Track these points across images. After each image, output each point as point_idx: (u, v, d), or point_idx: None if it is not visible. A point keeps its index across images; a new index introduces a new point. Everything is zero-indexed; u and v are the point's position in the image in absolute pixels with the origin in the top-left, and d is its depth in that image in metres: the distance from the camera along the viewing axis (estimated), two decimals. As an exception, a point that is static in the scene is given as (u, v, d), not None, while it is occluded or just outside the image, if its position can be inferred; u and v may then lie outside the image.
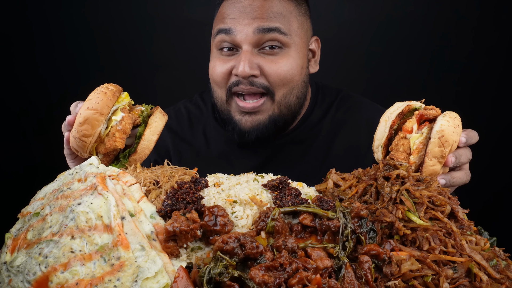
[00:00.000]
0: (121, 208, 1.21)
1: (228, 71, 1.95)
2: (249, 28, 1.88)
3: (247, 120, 1.98)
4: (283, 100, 1.97)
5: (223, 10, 1.98)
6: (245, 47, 1.89)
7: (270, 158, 2.17)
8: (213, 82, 2.04)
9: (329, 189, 1.45)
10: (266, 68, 1.90)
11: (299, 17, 2.01)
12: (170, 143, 2.28)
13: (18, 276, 1.09)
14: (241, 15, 1.90)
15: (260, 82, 1.91)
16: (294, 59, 1.95)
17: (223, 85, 1.98)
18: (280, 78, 1.92)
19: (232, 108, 2.01)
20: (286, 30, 1.92)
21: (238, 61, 1.90)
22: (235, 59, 1.93)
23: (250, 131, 1.98)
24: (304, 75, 2.05)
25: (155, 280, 1.07)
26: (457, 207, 1.29)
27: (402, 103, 1.56)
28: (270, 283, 1.01)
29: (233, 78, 1.94)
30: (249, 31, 1.88)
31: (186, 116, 2.34)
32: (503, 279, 1.14)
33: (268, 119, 1.98)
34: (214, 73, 1.99)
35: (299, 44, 1.98)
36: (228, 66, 1.94)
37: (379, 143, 1.56)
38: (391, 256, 1.11)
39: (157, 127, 1.60)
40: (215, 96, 2.07)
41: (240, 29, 1.89)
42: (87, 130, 1.47)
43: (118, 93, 1.55)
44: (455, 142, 1.43)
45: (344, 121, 2.21)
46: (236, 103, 1.98)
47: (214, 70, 1.99)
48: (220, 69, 1.96)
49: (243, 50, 1.90)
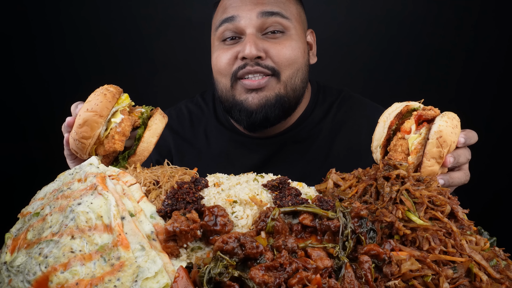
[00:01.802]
0: (121, 208, 1.21)
1: (233, 57, 1.96)
2: (252, 13, 1.92)
3: (253, 97, 1.96)
4: (289, 81, 1.98)
5: (223, 2, 2.02)
6: (249, 31, 1.92)
7: (271, 157, 2.17)
8: (217, 72, 2.04)
9: (329, 189, 1.45)
10: (271, 50, 1.93)
11: (297, 5, 2.07)
12: (171, 143, 2.28)
13: (18, 276, 1.09)
14: (243, 2, 1.95)
15: (266, 63, 1.93)
16: (296, 42, 1.99)
17: (228, 72, 1.98)
18: (286, 59, 1.95)
19: (237, 92, 2.00)
20: (287, 14, 1.96)
21: (243, 45, 1.91)
22: (240, 45, 1.95)
23: (257, 109, 1.97)
24: (306, 59, 2.08)
25: (155, 280, 1.07)
26: (457, 207, 1.29)
27: (400, 104, 1.55)
28: (270, 283, 1.01)
29: (238, 62, 1.95)
30: (253, 16, 1.92)
31: (188, 116, 2.34)
32: (503, 279, 1.14)
33: (275, 97, 1.97)
34: (218, 62, 2.00)
35: (299, 29, 2.03)
36: (233, 52, 1.95)
37: (378, 144, 1.56)
38: (391, 256, 1.11)
39: (156, 129, 1.60)
40: (219, 87, 2.06)
41: (244, 14, 1.92)
42: (86, 132, 1.46)
43: (118, 94, 1.54)
44: (454, 143, 1.43)
45: (345, 121, 2.21)
46: (241, 84, 1.97)
47: (218, 60, 2.00)
48: (225, 57, 1.97)
49: (247, 34, 1.92)
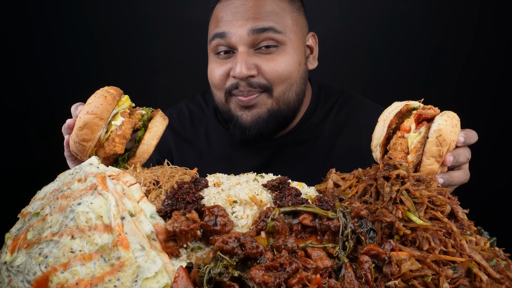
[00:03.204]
0: (121, 208, 1.20)
1: (225, 73, 1.96)
2: (243, 30, 1.89)
3: (247, 115, 1.99)
4: (281, 96, 1.98)
5: (216, 13, 1.99)
6: (240, 49, 1.90)
7: (272, 158, 2.17)
8: (212, 85, 2.07)
9: (329, 189, 1.45)
10: (264, 66, 1.91)
11: (293, 13, 2.01)
12: (172, 143, 2.28)
13: (18, 276, 1.09)
14: (234, 17, 1.91)
15: (257, 82, 1.92)
16: (291, 55, 1.95)
17: (221, 87, 2.00)
18: (278, 75, 1.92)
19: (232, 106, 2.03)
20: (280, 28, 1.92)
21: (235, 63, 1.91)
22: (232, 61, 1.94)
23: (251, 126, 1.99)
24: (302, 72, 2.05)
25: (155, 280, 1.07)
26: (457, 207, 1.28)
27: (400, 103, 1.56)
28: (270, 283, 1.01)
29: (231, 80, 1.96)
30: (243, 33, 1.88)
31: (188, 116, 2.34)
32: (503, 279, 1.14)
33: (267, 113, 1.98)
34: (212, 76, 2.02)
35: (295, 40, 1.99)
36: (226, 69, 1.96)
37: (377, 143, 1.56)
38: (391, 256, 1.11)
39: (157, 132, 1.59)
40: (215, 98, 2.10)
41: (234, 31, 1.89)
42: (86, 135, 1.46)
43: (118, 96, 1.53)
44: (453, 142, 1.43)
45: (346, 122, 2.21)
46: (235, 100, 1.99)
47: (212, 74, 2.02)
48: (218, 72, 1.98)
49: (239, 52, 1.90)
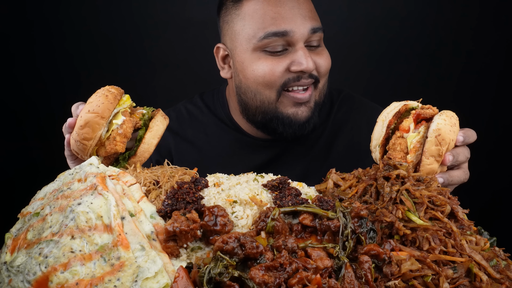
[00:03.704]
0: (121, 208, 1.20)
1: (284, 69, 1.92)
2: (304, 28, 1.90)
3: (303, 111, 2.00)
4: (322, 88, 2.05)
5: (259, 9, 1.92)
6: (300, 45, 1.91)
7: (272, 157, 2.18)
8: (261, 84, 1.96)
9: (329, 189, 1.45)
10: (318, 60, 1.97)
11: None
12: (171, 143, 2.28)
13: (18, 276, 1.09)
14: (293, 14, 1.90)
15: (314, 75, 1.97)
16: (327, 51, 2.05)
17: (277, 84, 1.94)
18: (326, 69, 2.01)
19: (283, 104, 1.98)
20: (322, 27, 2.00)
21: (298, 57, 1.89)
22: (288, 56, 1.92)
23: (308, 120, 2.02)
24: None
25: (155, 280, 1.07)
26: (457, 207, 1.29)
27: (399, 103, 1.56)
28: (270, 283, 1.01)
29: (290, 74, 1.93)
30: (305, 31, 1.90)
31: (187, 116, 2.34)
32: (503, 279, 1.14)
33: (314, 106, 2.03)
34: (269, 74, 1.92)
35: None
36: (284, 64, 1.92)
37: (377, 143, 1.56)
38: (391, 256, 1.11)
39: (157, 131, 1.59)
40: (259, 98, 2.00)
41: (296, 29, 1.89)
42: (87, 134, 1.46)
43: (119, 95, 1.53)
44: (452, 141, 1.44)
45: (345, 121, 2.23)
46: (288, 97, 1.97)
47: (269, 72, 1.92)
48: (276, 68, 1.92)
49: (299, 47, 1.91)
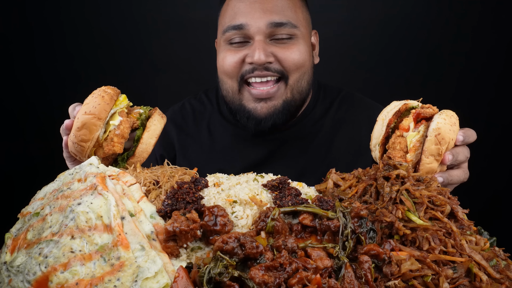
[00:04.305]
0: (121, 208, 1.20)
1: (240, 60, 1.97)
2: (261, 22, 1.91)
3: (262, 107, 2.01)
4: (295, 84, 2.02)
5: (231, 5, 2.00)
6: (258, 38, 1.92)
7: (273, 153, 2.19)
8: (223, 73, 2.05)
9: (329, 189, 1.45)
10: (280, 54, 1.95)
11: (303, 8, 2.07)
12: (175, 138, 2.31)
13: (18, 276, 1.09)
14: (252, 9, 1.93)
15: (274, 67, 1.95)
16: (303, 46, 2.01)
17: (235, 74, 2.00)
18: (294, 63, 1.97)
19: (245, 98, 2.03)
20: (295, 23, 1.97)
21: (252, 50, 1.93)
22: (247, 48, 1.96)
23: (266, 117, 2.02)
24: (311, 61, 2.10)
25: (155, 280, 1.07)
26: (457, 207, 1.29)
27: (399, 102, 1.56)
28: (270, 283, 1.01)
29: (247, 66, 1.96)
30: (261, 25, 1.91)
31: (191, 112, 2.37)
32: (503, 279, 1.14)
33: (282, 104, 2.02)
34: (225, 64, 2.01)
35: (305, 34, 2.05)
36: (240, 55, 1.96)
37: (377, 142, 1.56)
38: (391, 256, 1.11)
39: (155, 130, 1.59)
40: (225, 87, 2.09)
41: (252, 23, 1.92)
42: (85, 135, 1.45)
43: (115, 96, 1.53)
44: (452, 140, 1.44)
45: (345, 119, 2.25)
46: (249, 91, 2.00)
47: (224, 61, 2.01)
48: (232, 59, 1.98)
49: (256, 40, 1.93)
